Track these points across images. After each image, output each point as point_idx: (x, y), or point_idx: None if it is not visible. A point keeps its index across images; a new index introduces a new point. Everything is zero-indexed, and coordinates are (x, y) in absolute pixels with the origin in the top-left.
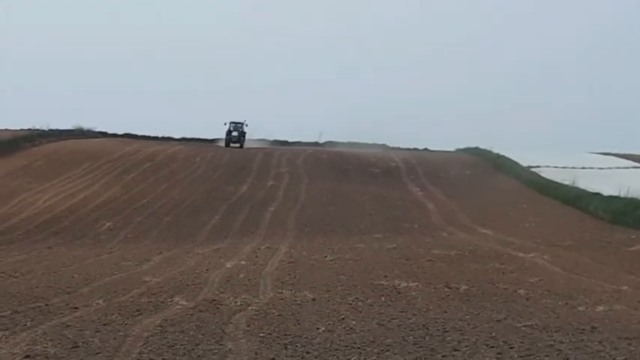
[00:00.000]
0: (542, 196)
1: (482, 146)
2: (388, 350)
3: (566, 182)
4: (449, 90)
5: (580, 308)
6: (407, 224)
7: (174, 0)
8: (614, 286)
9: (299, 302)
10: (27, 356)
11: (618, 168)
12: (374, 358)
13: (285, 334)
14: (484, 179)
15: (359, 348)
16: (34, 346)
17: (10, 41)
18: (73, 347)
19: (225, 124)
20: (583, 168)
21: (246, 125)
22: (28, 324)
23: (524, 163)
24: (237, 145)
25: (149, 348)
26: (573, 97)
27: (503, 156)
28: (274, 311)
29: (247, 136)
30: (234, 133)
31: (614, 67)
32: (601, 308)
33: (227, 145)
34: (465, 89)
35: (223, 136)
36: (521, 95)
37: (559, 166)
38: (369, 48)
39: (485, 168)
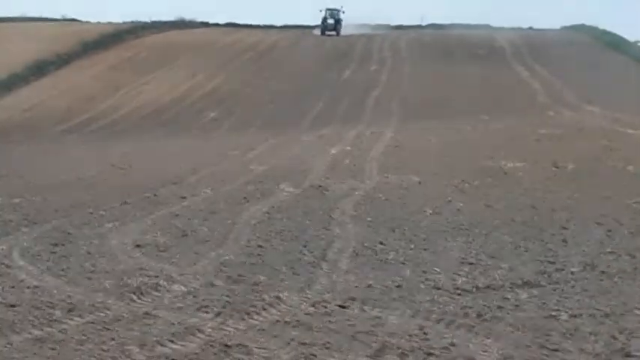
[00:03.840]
0: None
1: (588, 23)
2: (496, 231)
3: None
4: None
5: None
6: (513, 104)
7: None
8: None
9: (405, 186)
10: (137, 245)
11: None
12: (482, 239)
13: (392, 218)
14: (590, 56)
15: (466, 229)
16: (144, 235)
17: None
18: (182, 236)
19: (320, 10)
20: None
21: (343, 12)
22: (138, 214)
23: (632, 38)
24: (334, 33)
25: (257, 235)
26: None
27: (609, 32)
28: (380, 195)
29: (345, 22)
30: (330, 21)
31: None
32: None
33: (322, 33)
34: None
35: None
36: None
37: None
38: None
39: (591, 45)
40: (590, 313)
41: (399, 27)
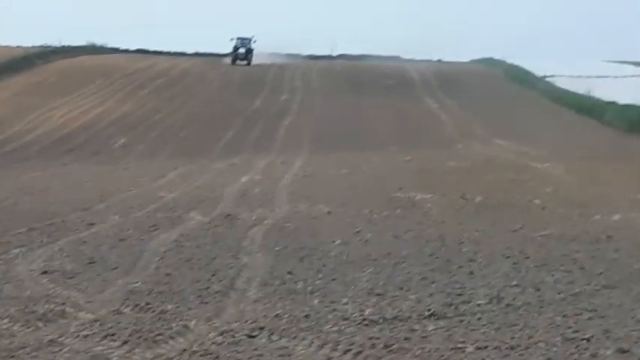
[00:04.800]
0: (556, 106)
1: (496, 56)
2: (404, 262)
3: (581, 91)
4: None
5: (596, 217)
6: (422, 136)
7: None
8: (630, 195)
9: (314, 216)
10: (44, 272)
11: (635, 76)
12: (390, 269)
13: (301, 248)
14: (499, 90)
15: (375, 260)
16: (51, 262)
17: None
18: (90, 263)
19: (231, 39)
20: (598, 77)
21: (255, 41)
22: (45, 240)
23: (539, 73)
24: (245, 62)
25: (166, 263)
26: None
27: (517, 66)
28: (290, 225)
29: (256, 51)
30: (241, 50)
31: None
32: (617, 217)
33: (233, 62)
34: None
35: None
36: (535, 3)
37: (574, 75)
38: None
39: (499, 78)
40: (495, 346)
41: (311, 57)
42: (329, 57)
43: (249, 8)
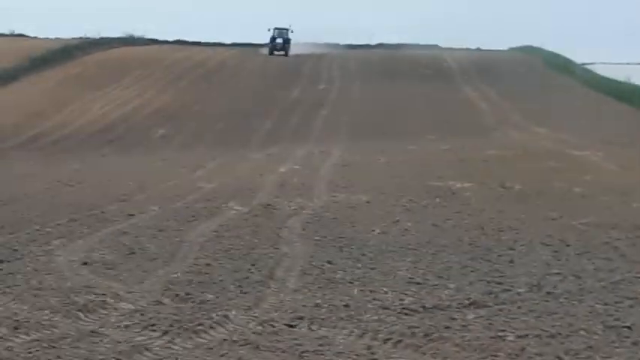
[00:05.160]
0: (595, 93)
1: (535, 44)
2: (444, 251)
3: (621, 78)
4: None
5: (635, 205)
6: (460, 125)
7: None
8: None
9: (353, 205)
10: (84, 263)
11: None
12: (429, 258)
13: (340, 237)
14: (537, 78)
15: (414, 249)
16: (91, 253)
17: None
18: (130, 253)
19: (268, 30)
20: (638, 64)
21: (292, 31)
22: (85, 231)
23: (578, 60)
24: (282, 52)
25: (205, 253)
26: None
27: (556, 53)
28: (328, 214)
29: (294, 41)
30: (279, 40)
31: None
32: None
33: (271, 53)
34: None
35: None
36: None
37: (613, 62)
38: None
39: (538, 66)
40: (536, 334)
41: (349, 46)
42: (367, 46)
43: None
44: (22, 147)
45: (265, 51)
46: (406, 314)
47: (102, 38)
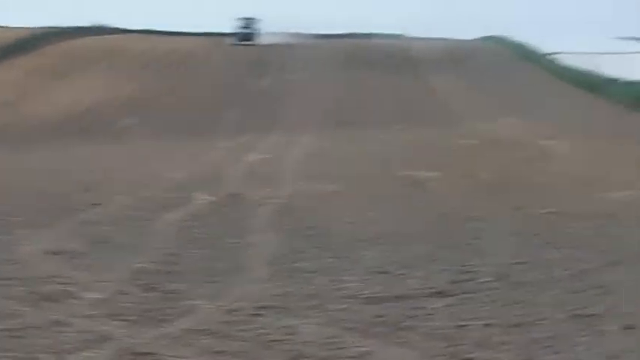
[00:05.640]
0: (563, 84)
1: (501, 34)
2: (410, 240)
3: (588, 68)
4: None
5: (602, 195)
6: (427, 115)
7: None
8: (634, 172)
9: (321, 194)
10: (50, 252)
11: None
12: (396, 248)
13: (307, 227)
14: (504, 68)
15: (381, 239)
16: (57, 242)
17: None
18: (96, 243)
19: (236, 19)
20: (605, 54)
21: (260, 21)
22: (50, 221)
23: (545, 50)
24: (250, 42)
25: (172, 243)
26: None
27: (523, 44)
28: (297, 204)
29: (261, 31)
30: (246, 30)
31: None
32: (621, 194)
33: (238, 43)
34: None
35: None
36: None
37: (580, 52)
38: None
39: (505, 56)
40: (501, 323)
41: (316, 36)
42: (336, 36)
43: None
44: None
45: (233, 41)
46: (372, 303)
47: (68, 27)
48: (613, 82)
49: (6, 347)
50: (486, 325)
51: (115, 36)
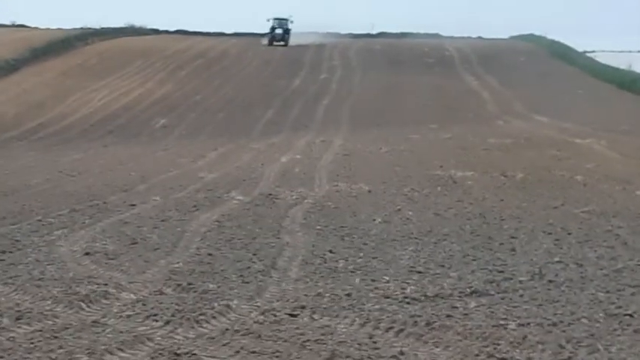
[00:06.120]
0: (597, 82)
1: (536, 32)
2: (445, 239)
3: (622, 66)
4: None
5: (638, 193)
6: (462, 114)
7: None
8: None
9: (355, 194)
10: (86, 253)
11: None
12: (431, 247)
13: (342, 227)
14: (539, 66)
15: (416, 238)
16: (93, 243)
17: None
18: (132, 244)
19: (267, 20)
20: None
21: (292, 22)
22: (87, 222)
23: (579, 49)
24: (282, 43)
25: (207, 243)
26: None
27: (557, 42)
28: (330, 204)
29: (294, 31)
30: (278, 31)
31: None
32: None
33: (270, 44)
34: None
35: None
36: None
37: (615, 50)
38: None
39: (540, 55)
40: (538, 322)
41: (350, 35)
42: (368, 35)
43: None
44: (23, 138)
45: (265, 41)
46: (408, 303)
47: (103, 28)
48: None
49: (43, 348)
50: (523, 324)
51: (150, 37)
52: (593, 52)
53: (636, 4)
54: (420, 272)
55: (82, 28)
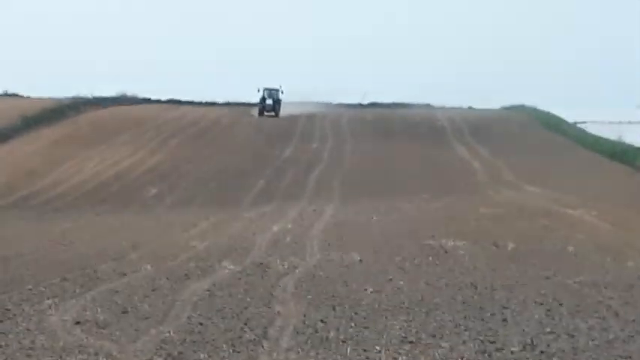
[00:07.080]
0: (588, 152)
1: (527, 103)
2: (437, 309)
3: (613, 137)
4: (494, 46)
5: (629, 264)
6: (453, 183)
7: None
8: None
9: (346, 264)
10: (77, 322)
11: None
12: (422, 317)
13: (333, 296)
14: (530, 136)
15: (407, 308)
16: (84, 312)
17: (54, 10)
18: (123, 312)
19: (258, 90)
20: (630, 123)
21: (282, 92)
22: (77, 291)
23: (570, 119)
24: (272, 114)
25: (198, 312)
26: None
27: (548, 113)
28: (322, 273)
29: (285, 100)
30: (269, 101)
31: None
32: None
33: (260, 114)
34: (509, 43)
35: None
36: (565, 50)
37: (605, 121)
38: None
39: (530, 125)
40: None
41: (341, 105)
42: (359, 105)
43: (278, 56)
44: (14, 206)
45: (255, 112)
46: None
47: (95, 97)
48: (638, 150)
49: None
50: None
51: (142, 105)
52: (584, 122)
53: (626, 76)
54: (411, 342)
55: (74, 97)
